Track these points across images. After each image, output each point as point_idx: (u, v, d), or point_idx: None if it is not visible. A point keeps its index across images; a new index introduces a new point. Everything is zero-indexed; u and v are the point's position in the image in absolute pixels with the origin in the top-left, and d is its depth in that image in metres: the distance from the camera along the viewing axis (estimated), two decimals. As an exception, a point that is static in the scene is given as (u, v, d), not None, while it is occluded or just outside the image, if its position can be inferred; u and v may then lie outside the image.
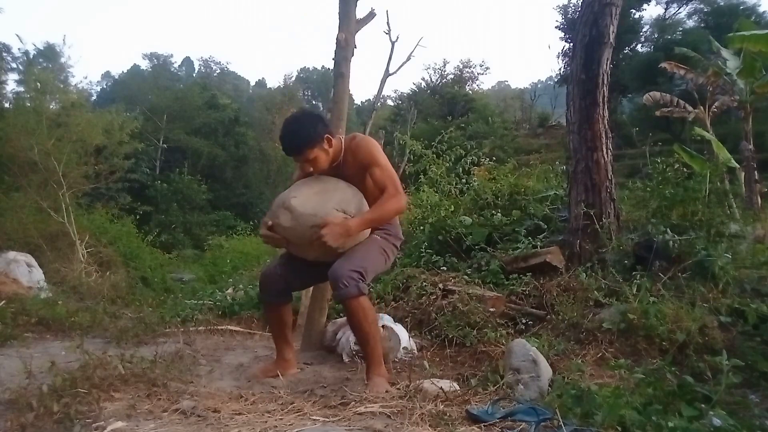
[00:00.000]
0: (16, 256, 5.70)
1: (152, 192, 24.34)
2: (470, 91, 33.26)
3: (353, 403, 1.78)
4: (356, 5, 3.38)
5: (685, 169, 4.24)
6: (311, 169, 2.28)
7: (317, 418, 1.65)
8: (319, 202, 2.17)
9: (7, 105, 13.90)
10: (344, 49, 3.32)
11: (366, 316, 2.18)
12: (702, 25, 21.88)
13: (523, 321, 3.06)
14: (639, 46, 23.64)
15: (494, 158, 7.30)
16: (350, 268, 2.14)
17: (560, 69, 24.66)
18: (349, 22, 3.34)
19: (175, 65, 53.39)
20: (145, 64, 47.79)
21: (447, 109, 28.49)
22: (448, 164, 6.14)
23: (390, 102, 35.90)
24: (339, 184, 2.28)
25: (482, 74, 35.96)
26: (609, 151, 3.72)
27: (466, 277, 3.50)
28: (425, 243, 4.36)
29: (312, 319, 3.19)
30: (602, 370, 2.31)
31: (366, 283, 2.18)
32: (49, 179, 9.55)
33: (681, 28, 22.70)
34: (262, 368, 2.51)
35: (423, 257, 4.15)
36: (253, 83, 62.72)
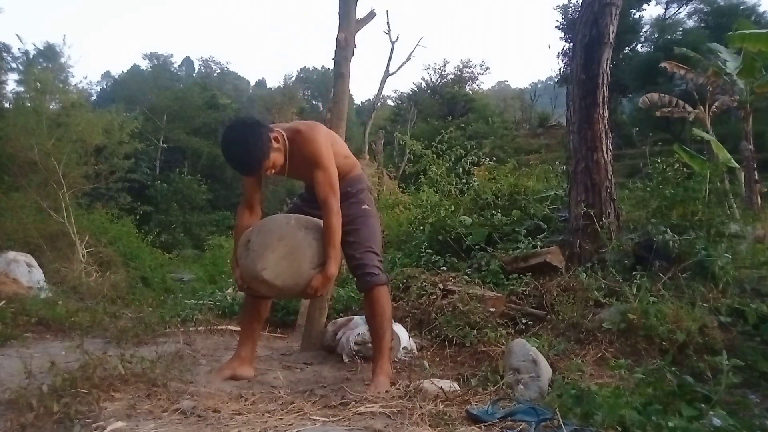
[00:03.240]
0: (16, 256, 5.70)
1: (152, 192, 24.32)
2: (470, 91, 33.26)
3: (353, 403, 1.79)
4: (356, 5, 3.39)
5: (685, 169, 4.23)
6: (273, 171, 2.22)
7: (317, 418, 1.65)
8: (292, 268, 2.12)
9: (7, 105, 13.90)
10: (344, 49, 3.32)
11: (388, 303, 2.31)
12: (702, 25, 21.88)
13: (523, 321, 3.06)
14: (639, 46, 23.63)
15: (494, 158, 7.29)
16: (377, 258, 2.30)
17: (560, 69, 24.64)
18: (349, 22, 3.35)
19: (175, 65, 53.46)
20: (145, 64, 47.91)
21: (447, 109, 28.50)
22: (448, 164, 6.13)
23: (390, 102, 35.95)
24: (297, 233, 2.16)
25: (482, 74, 35.96)
26: (609, 151, 3.72)
27: (466, 277, 3.50)
28: (425, 243, 4.36)
29: (312, 319, 3.19)
30: (602, 370, 2.31)
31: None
32: (49, 179, 9.54)
33: (681, 28, 22.69)
34: (217, 369, 2.42)
35: (423, 257, 4.14)
36: (253, 83, 62.69)
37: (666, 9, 24.55)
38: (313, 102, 48.55)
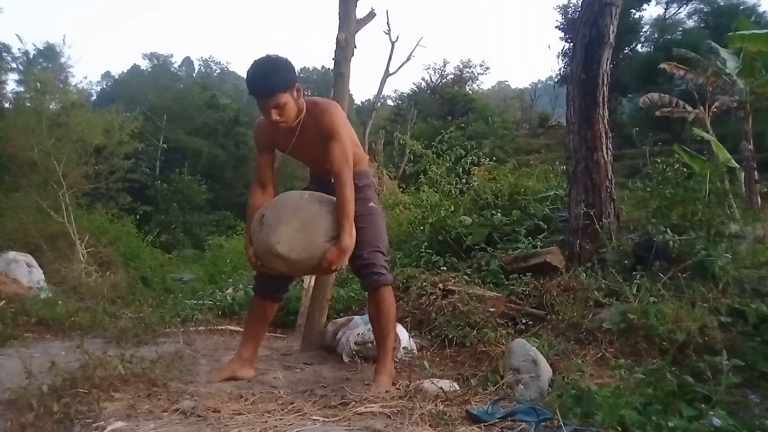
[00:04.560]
0: (16, 256, 5.71)
1: (152, 192, 24.35)
2: (470, 91, 33.34)
3: (353, 403, 1.79)
4: (356, 5, 3.38)
5: (685, 169, 4.23)
6: (278, 117, 2.13)
7: (317, 418, 1.65)
8: (306, 241, 2.10)
9: (7, 105, 13.88)
10: (344, 49, 3.32)
11: (393, 304, 2.30)
12: (702, 25, 21.90)
13: (523, 321, 3.06)
14: (639, 46, 23.66)
15: (494, 158, 7.29)
16: (384, 257, 2.29)
17: (560, 69, 24.69)
18: (349, 22, 3.34)
19: (175, 65, 53.34)
20: (145, 64, 47.75)
21: (447, 109, 28.53)
22: (448, 164, 6.13)
23: (390, 102, 36.01)
24: (311, 206, 2.16)
25: (482, 74, 36.13)
26: (609, 151, 3.71)
27: (466, 277, 3.50)
28: (425, 243, 4.35)
29: (312, 319, 3.19)
30: (602, 370, 2.31)
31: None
32: (49, 179, 9.54)
33: (681, 28, 22.72)
34: (217, 369, 2.42)
35: (423, 257, 4.14)
36: (253, 83, 62.49)
37: (666, 9, 24.62)
38: (313, 102, 48.40)
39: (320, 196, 2.23)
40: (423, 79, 33.92)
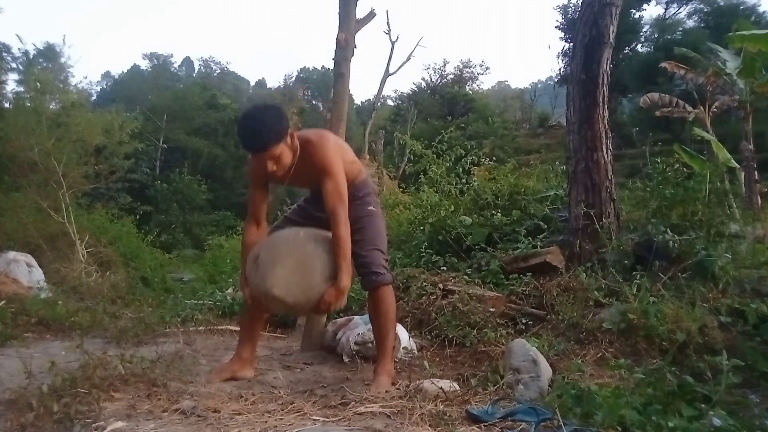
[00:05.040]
0: (16, 256, 5.71)
1: (152, 192, 24.36)
2: (470, 91, 33.31)
3: (353, 403, 1.79)
4: (356, 5, 3.39)
5: (685, 169, 4.23)
6: (275, 168, 2.12)
7: (317, 418, 1.65)
8: (303, 283, 2.06)
9: (7, 105, 13.87)
10: (344, 49, 3.32)
11: (393, 303, 2.31)
12: (702, 25, 21.91)
13: (523, 321, 3.06)
14: (639, 46, 23.66)
15: (494, 158, 7.28)
16: (383, 256, 2.30)
17: (560, 69, 24.69)
18: (349, 22, 3.35)
19: (175, 65, 53.39)
20: (145, 64, 47.82)
21: (447, 109, 28.51)
22: (448, 164, 6.12)
23: (390, 102, 36.03)
24: (307, 246, 2.11)
25: (482, 74, 36.08)
26: (609, 151, 3.72)
27: (466, 277, 3.50)
28: (425, 243, 4.35)
29: (312, 319, 3.19)
30: (602, 370, 2.31)
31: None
32: (49, 179, 9.54)
33: (681, 28, 22.72)
34: (217, 370, 2.42)
35: (423, 257, 4.14)
36: (253, 83, 62.65)
37: (666, 9, 24.61)
38: (313, 102, 48.48)
39: (315, 234, 2.20)
40: (423, 79, 33.92)
